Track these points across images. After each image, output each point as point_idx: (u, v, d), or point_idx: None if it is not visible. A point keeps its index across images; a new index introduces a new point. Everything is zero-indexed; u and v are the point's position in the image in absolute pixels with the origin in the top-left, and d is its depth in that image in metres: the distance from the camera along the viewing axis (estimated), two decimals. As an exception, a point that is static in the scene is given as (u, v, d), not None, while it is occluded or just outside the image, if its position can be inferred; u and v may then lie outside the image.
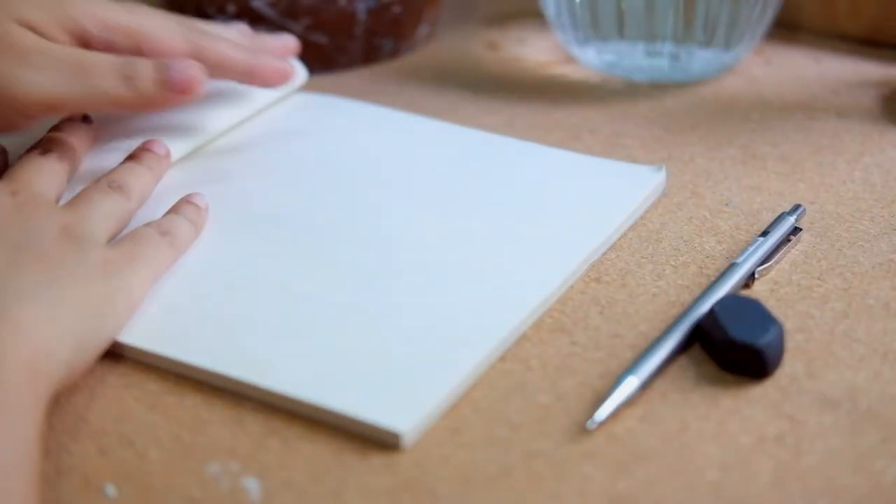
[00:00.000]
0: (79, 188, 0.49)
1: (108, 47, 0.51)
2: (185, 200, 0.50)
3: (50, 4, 0.49)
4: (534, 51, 0.77)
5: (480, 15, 0.85)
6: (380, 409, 0.39)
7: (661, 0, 0.66)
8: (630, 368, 0.41)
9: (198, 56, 0.52)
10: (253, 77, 0.55)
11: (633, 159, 0.59)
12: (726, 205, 0.54)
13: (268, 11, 0.69)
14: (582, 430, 0.39)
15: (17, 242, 0.41)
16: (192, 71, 0.49)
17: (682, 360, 0.43)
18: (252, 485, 0.37)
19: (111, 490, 0.37)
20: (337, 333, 0.44)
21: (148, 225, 0.47)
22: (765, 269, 0.48)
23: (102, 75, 0.47)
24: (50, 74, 0.46)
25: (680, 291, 0.47)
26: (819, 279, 0.48)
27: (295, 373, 0.41)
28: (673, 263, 0.49)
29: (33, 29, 0.48)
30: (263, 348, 0.43)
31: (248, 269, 0.48)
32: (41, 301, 0.39)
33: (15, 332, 0.37)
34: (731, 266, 0.47)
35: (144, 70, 0.48)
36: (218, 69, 0.54)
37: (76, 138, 0.51)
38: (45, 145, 0.50)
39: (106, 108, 0.50)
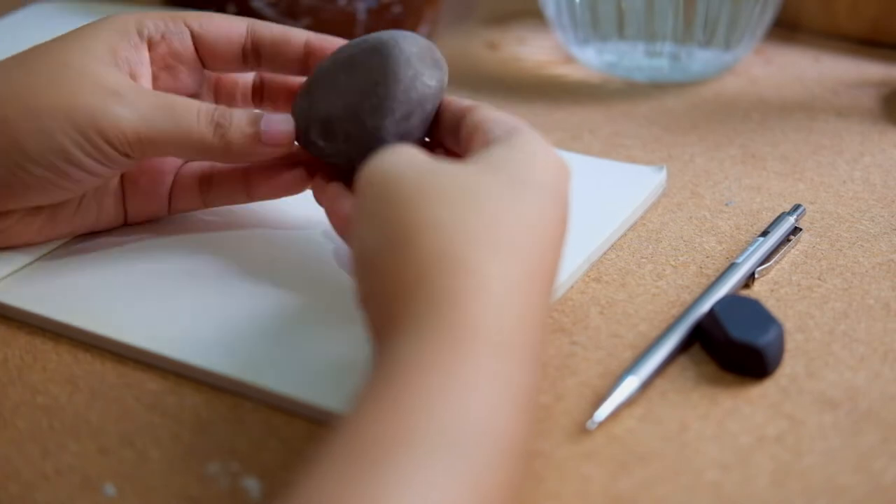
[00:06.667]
0: None
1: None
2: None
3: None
4: (534, 51, 0.77)
5: (480, 15, 0.85)
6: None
7: (660, 0, 0.66)
8: (630, 368, 0.41)
9: (255, 26, 0.49)
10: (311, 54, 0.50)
11: (633, 159, 0.59)
12: (726, 205, 0.54)
13: (268, 11, 0.69)
14: (582, 430, 0.39)
15: None
16: (286, 126, 0.46)
17: (682, 360, 0.43)
18: (252, 485, 0.37)
19: (111, 489, 0.37)
20: (337, 336, 0.44)
21: None
22: (765, 269, 0.48)
23: (193, 117, 0.45)
24: (139, 109, 0.45)
25: (680, 291, 0.47)
26: (819, 279, 0.48)
27: (294, 373, 0.41)
28: (673, 263, 0.49)
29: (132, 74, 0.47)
30: (260, 349, 0.43)
31: (248, 272, 0.48)
32: None
33: None
34: (731, 266, 0.47)
35: (238, 121, 0.46)
36: (280, 44, 0.49)
37: None
38: None
39: (193, 154, 0.47)
